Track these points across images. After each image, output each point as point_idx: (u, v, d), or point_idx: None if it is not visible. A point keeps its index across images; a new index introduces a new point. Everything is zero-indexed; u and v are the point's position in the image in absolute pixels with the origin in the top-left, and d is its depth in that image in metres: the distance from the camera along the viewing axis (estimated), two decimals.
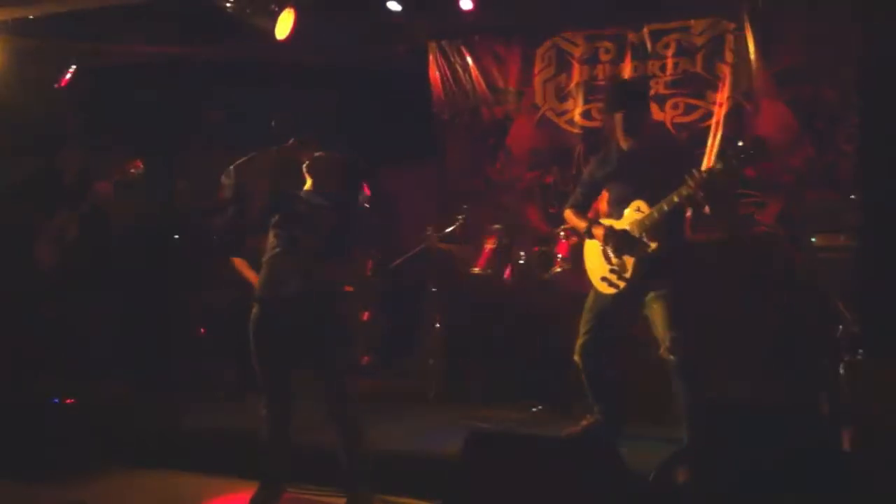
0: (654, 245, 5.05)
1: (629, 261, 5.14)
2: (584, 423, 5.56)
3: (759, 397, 5.43)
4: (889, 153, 4.99)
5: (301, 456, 4.96)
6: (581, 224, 5.40)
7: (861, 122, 6.25)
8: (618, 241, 5.14)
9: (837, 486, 3.85)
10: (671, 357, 5.12)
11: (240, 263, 6.14)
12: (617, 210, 5.26)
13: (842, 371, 4.69)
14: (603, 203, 5.61)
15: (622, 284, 5.18)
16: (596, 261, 5.33)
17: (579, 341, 5.44)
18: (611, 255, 5.22)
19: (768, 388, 5.77)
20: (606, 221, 5.28)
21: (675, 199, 4.96)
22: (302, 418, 4.91)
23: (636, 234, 5.10)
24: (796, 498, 3.86)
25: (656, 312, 5.17)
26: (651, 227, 5.04)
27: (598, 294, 5.35)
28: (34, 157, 6.92)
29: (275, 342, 4.70)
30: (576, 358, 5.51)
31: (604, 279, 5.27)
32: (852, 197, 6.26)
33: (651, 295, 5.17)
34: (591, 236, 5.32)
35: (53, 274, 6.39)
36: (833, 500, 3.82)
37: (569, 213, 5.55)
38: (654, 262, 5.09)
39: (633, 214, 5.14)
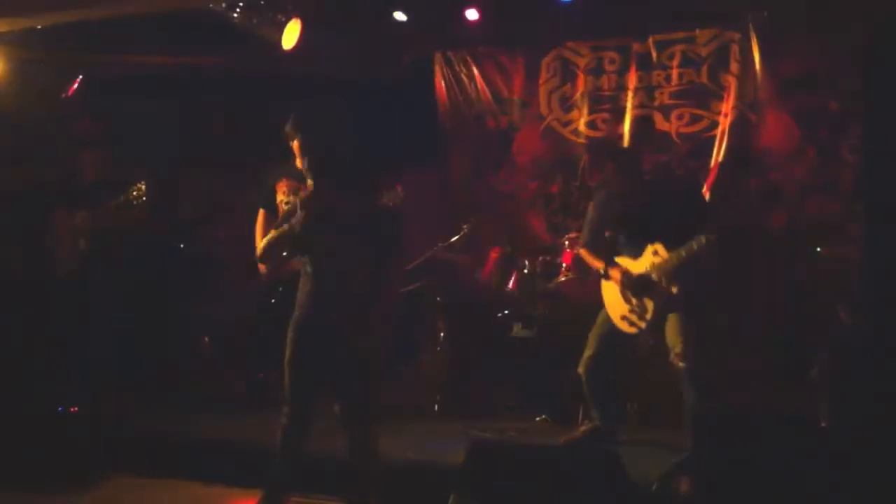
0: (675, 289, 5.02)
1: (650, 303, 5.12)
2: (583, 428, 5.58)
3: (762, 405, 5.43)
4: (891, 163, 5.00)
5: (304, 463, 4.96)
6: (598, 265, 5.39)
7: (864, 132, 6.25)
8: (637, 286, 5.12)
9: (836, 490, 3.85)
10: (681, 364, 5.13)
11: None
12: (631, 250, 5.24)
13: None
14: None
15: (643, 325, 5.17)
16: (614, 299, 5.31)
17: (586, 354, 5.46)
18: (630, 296, 5.21)
19: (771, 397, 5.77)
20: (623, 263, 5.25)
21: (695, 247, 4.93)
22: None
23: (656, 278, 5.07)
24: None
25: (667, 321, 5.18)
26: (672, 273, 5.01)
27: (613, 322, 5.33)
28: (45, 163, 6.96)
29: (311, 349, 4.71)
30: (580, 370, 5.53)
31: (624, 318, 5.25)
32: (855, 207, 6.28)
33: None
34: (609, 278, 5.31)
35: (68, 281, 6.41)
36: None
37: (584, 253, 5.54)
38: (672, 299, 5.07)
39: (650, 258, 5.11)
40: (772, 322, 6.61)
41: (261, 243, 4.79)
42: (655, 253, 5.09)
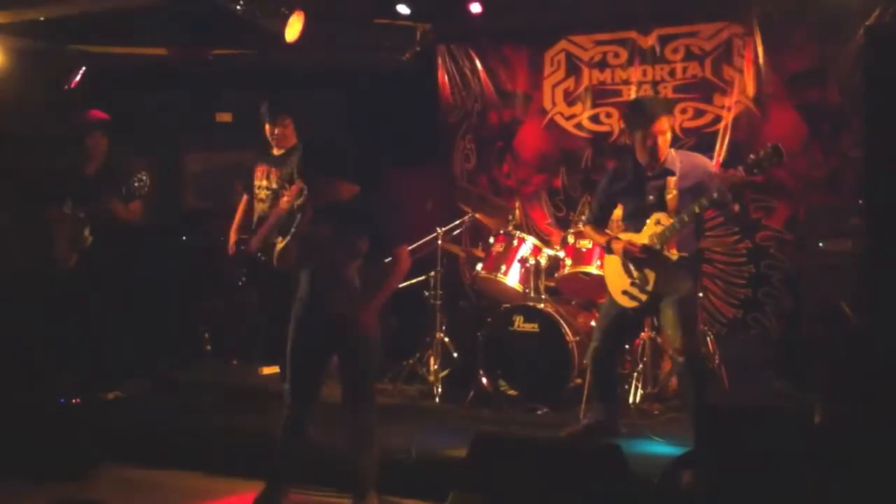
0: (675, 254, 5.06)
1: (651, 273, 5.15)
2: (586, 421, 5.58)
3: (763, 401, 5.42)
4: (894, 158, 4.98)
5: (305, 456, 4.96)
6: (600, 239, 5.43)
7: (866, 127, 6.23)
8: (639, 256, 5.14)
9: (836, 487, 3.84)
10: (680, 359, 5.14)
11: None
12: (634, 223, 5.26)
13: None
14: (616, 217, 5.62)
15: (644, 297, 5.20)
16: (616, 274, 5.34)
17: (593, 345, 5.49)
18: (632, 268, 5.22)
19: (773, 392, 5.77)
20: (625, 235, 5.28)
21: (696, 209, 4.97)
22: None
23: (656, 245, 5.10)
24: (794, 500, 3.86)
25: (666, 315, 5.21)
26: (672, 238, 5.05)
27: (616, 304, 5.35)
28: (47, 155, 6.96)
29: (310, 336, 4.72)
30: (587, 361, 5.54)
31: (625, 293, 5.28)
32: (859, 202, 6.25)
33: (664, 300, 5.19)
34: (611, 251, 5.33)
35: (71, 274, 6.41)
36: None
37: (588, 229, 5.63)
38: (672, 269, 5.10)
39: (652, 227, 5.14)
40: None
41: (276, 252, 4.79)
42: (658, 222, 5.13)
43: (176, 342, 7.54)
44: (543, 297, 6.43)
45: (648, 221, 5.17)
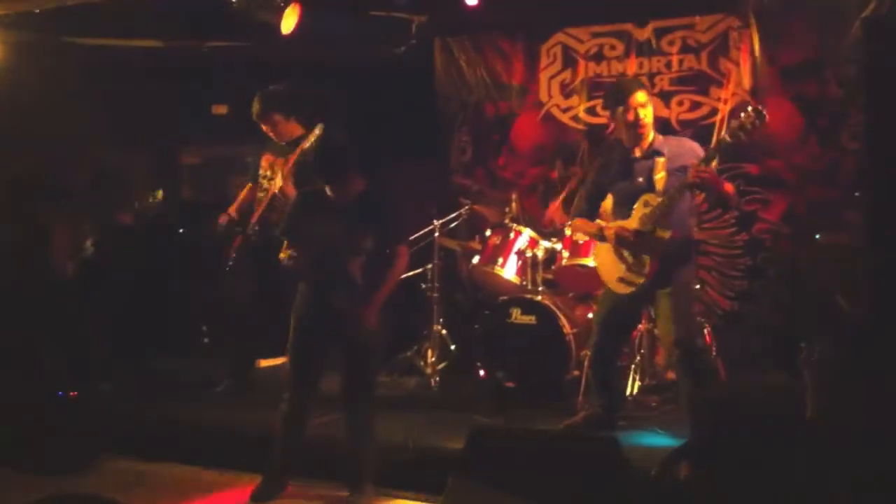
0: (667, 234, 5.05)
1: (646, 257, 5.13)
2: (583, 414, 5.59)
3: (760, 393, 5.43)
4: (893, 150, 4.98)
5: (303, 448, 4.97)
6: (591, 229, 5.40)
7: (866, 119, 6.24)
8: (632, 240, 5.13)
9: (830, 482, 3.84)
10: (675, 351, 5.15)
11: None
12: (624, 210, 5.26)
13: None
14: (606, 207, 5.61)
15: (641, 281, 5.17)
16: (609, 263, 5.32)
17: (593, 339, 5.50)
18: (626, 254, 5.21)
19: (770, 385, 5.77)
20: (615, 223, 5.27)
21: (686, 183, 4.97)
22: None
23: (648, 227, 5.08)
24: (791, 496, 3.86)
25: (662, 306, 5.21)
26: (661, 217, 5.04)
27: (612, 294, 5.34)
28: (40, 154, 6.94)
29: (311, 331, 4.73)
30: (588, 353, 5.55)
31: (621, 279, 5.25)
32: (856, 194, 6.26)
33: (660, 290, 5.19)
34: (603, 239, 5.31)
35: (71, 281, 6.41)
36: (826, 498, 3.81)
37: (577, 223, 5.56)
38: (667, 253, 5.09)
39: (642, 209, 5.13)
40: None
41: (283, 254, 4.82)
42: (647, 203, 5.12)
43: (174, 335, 7.53)
44: (541, 289, 6.44)
45: (637, 205, 5.16)
